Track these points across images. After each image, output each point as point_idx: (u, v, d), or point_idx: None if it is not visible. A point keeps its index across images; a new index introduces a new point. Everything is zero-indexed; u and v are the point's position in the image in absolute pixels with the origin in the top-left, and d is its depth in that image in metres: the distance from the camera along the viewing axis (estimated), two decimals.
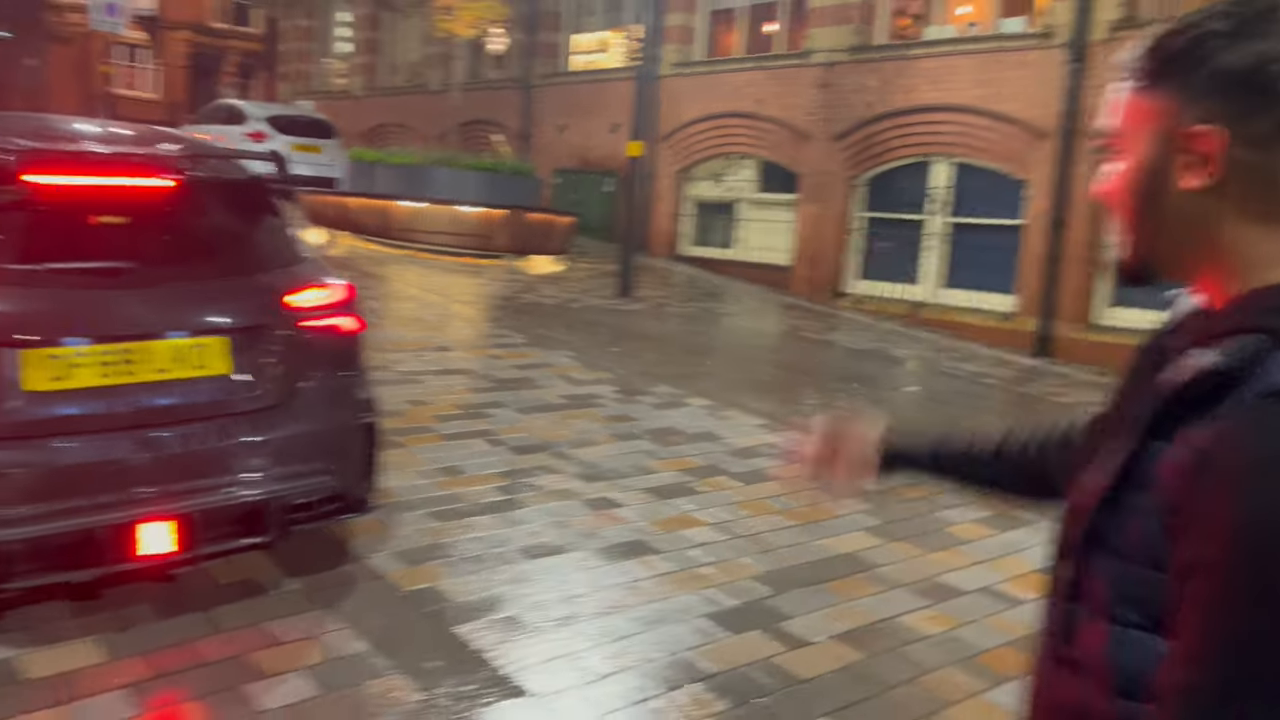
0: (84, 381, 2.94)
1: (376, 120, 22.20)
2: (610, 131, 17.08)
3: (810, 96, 13.78)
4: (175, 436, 3.07)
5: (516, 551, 3.97)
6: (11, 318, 2.81)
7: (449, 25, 14.36)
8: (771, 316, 11.60)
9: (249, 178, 3.51)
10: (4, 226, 2.91)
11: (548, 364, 7.39)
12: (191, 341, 3.13)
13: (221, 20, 43.18)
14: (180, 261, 3.22)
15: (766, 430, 6.11)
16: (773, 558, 4.16)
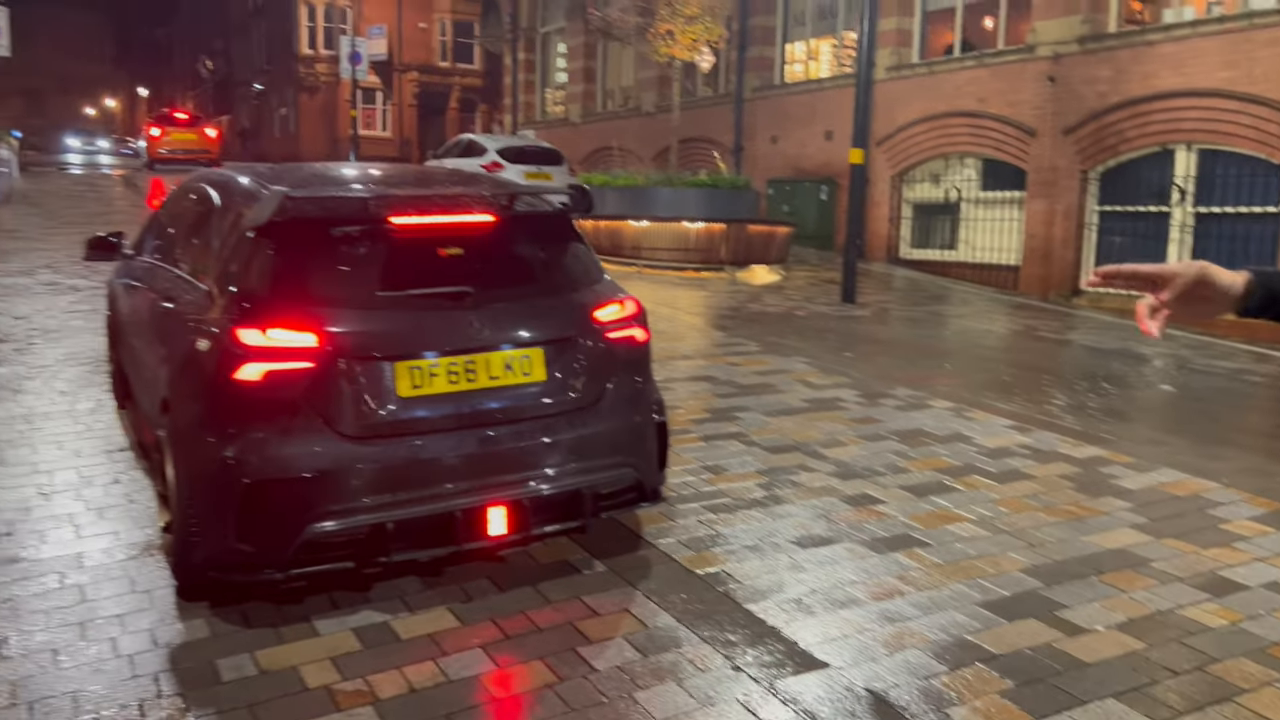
0: (437, 388, 3.49)
1: (594, 145, 23.22)
2: (824, 139, 17.19)
3: (1036, 90, 13.41)
4: (507, 434, 3.57)
5: (789, 542, 4.27)
6: (387, 336, 3.39)
7: (669, 49, 14.92)
8: (1003, 317, 11.38)
9: (556, 209, 4.01)
10: (375, 260, 3.51)
11: (784, 370, 7.66)
12: (518, 352, 3.63)
13: (445, 59, 46.21)
14: (506, 284, 3.74)
15: (1017, 431, 6.14)
16: (1039, 552, 4.25)
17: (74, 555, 3.92)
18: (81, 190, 20.84)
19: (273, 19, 48.06)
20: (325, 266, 3.48)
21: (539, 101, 27.59)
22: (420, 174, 4.36)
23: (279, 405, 3.27)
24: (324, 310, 3.36)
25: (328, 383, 3.30)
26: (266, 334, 3.27)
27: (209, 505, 3.29)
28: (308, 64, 44.68)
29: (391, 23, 43.20)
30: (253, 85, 51.13)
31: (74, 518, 4.28)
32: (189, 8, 64.63)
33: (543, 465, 3.61)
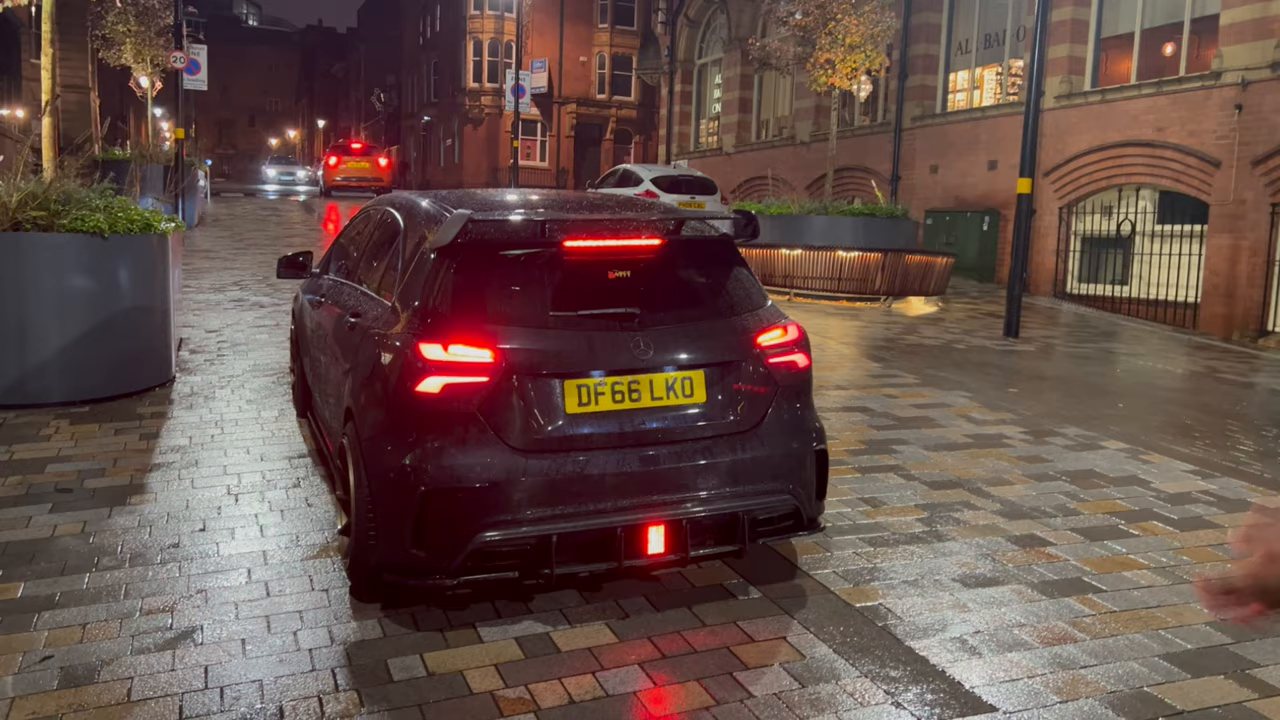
0: (602, 406, 3.56)
1: (748, 174, 23.29)
2: (987, 169, 16.72)
3: (1221, 119, 12.67)
4: (668, 454, 3.61)
5: (952, 580, 4.14)
6: (557, 355, 3.50)
7: (829, 79, 14.84)
8: (1181, 357, 10.73)
9: (720, 235, 4.05)
10: (549, 281, 3.63)
11: (945, 404, 7.45)
12: (680, 374, 3.67)
13: (602, 92, 47.35)
14: (670, 307, 3.79)
15: (1198, 476, 5.77)
16: None
17: (259, 553, 4.17)
18: (265, 215, 22.33)
19: (442, 54, 50.42)
20: (502, 286, 3.61)
21: (693, 132, 27.89)
22: (592, 200, 4.49)
23: (456, 417, 3.41)
24: (500, 328, 3.49)
25: (501, 397, 3.42)
26: (447, 349, 3.42)
27: (387, 510, 3.46)
28: (473, 96, 46.62)
29: (553, 56, 44.67)
30: (421, 117, 53.68)
31: (259, 518, 4.57)
32: (365, 44, 68.56)
33: (702, 487, 3.63)
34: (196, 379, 7.27)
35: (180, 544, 4.23)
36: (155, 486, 4.96)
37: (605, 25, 47.35)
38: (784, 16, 15.37)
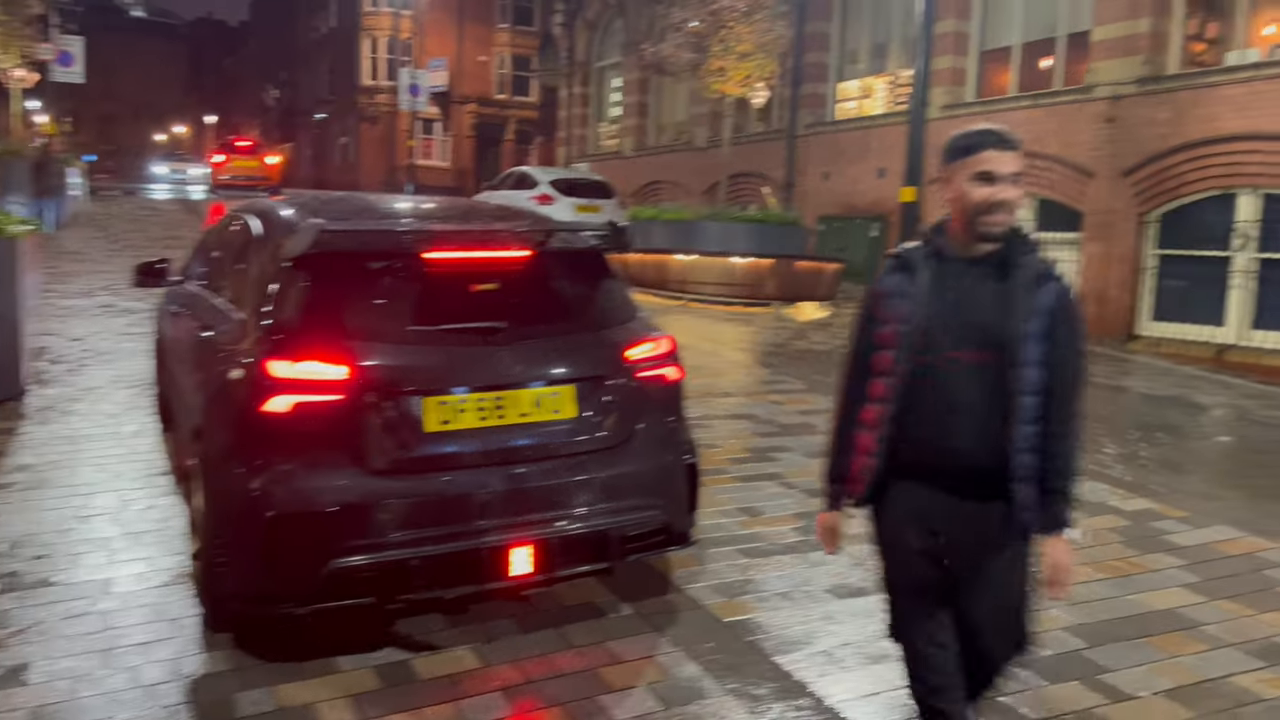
0: (465, 424, 3.46)
1: (646, 178, 23.34)
2: (877, 177, 17.09)
3: (1093, 132, 13.21)
4: (535, 472, 3.52)
5: (823, 591, 4.16)
6: (417, 371, 3.38)
7: (721, 86, 14.97)
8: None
9: (590, 246, 3.99)
10: (409, 294, 3.50)
11: (828, 409, 7.52)
12: (548, 390, 3.60)
13: (503, 92, 46.94)
14: (538, 321, 3.71)
15: None
16: (1084, 610, 4.09)
17: (104, 580, 3.94)
18: (145, 214, 21.42)
19: (337, 50, 49.27)
20: (359, 299, 3.48)
21: (592, 135, 27.83)
22: (464, 208, 4.38)
23: (307, 438, 3.26)
24: (355, 343, 3.36)
25: (356, 416, 3.29)
26: (297, 366, 3.27)
27: (235, 537, 3.29)
28: (369, 94, 45.67)
29: (452, 55, 44.07)
30: (315, 114, 52.35)
31: (109, 542, 4.32)
32: (258, 38, 66.59)
33: (570, 505, 3.56)
34: (52, 391, 6.88)
35: (17, 573, 3.97)
36: None
37: (505, 25, 46.95)
38: (678, 23, 15.44)
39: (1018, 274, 2.38)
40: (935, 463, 2.44)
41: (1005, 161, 2.35)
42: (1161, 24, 12.67)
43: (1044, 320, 2.35)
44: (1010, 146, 2.37)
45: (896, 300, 2.47)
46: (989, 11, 15.72)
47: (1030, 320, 2.34)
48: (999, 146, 2.36)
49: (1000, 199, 2.35)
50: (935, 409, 2.40)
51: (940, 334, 2.39)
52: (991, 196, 2.35)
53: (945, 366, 2.38)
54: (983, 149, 2.36)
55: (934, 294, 2.42)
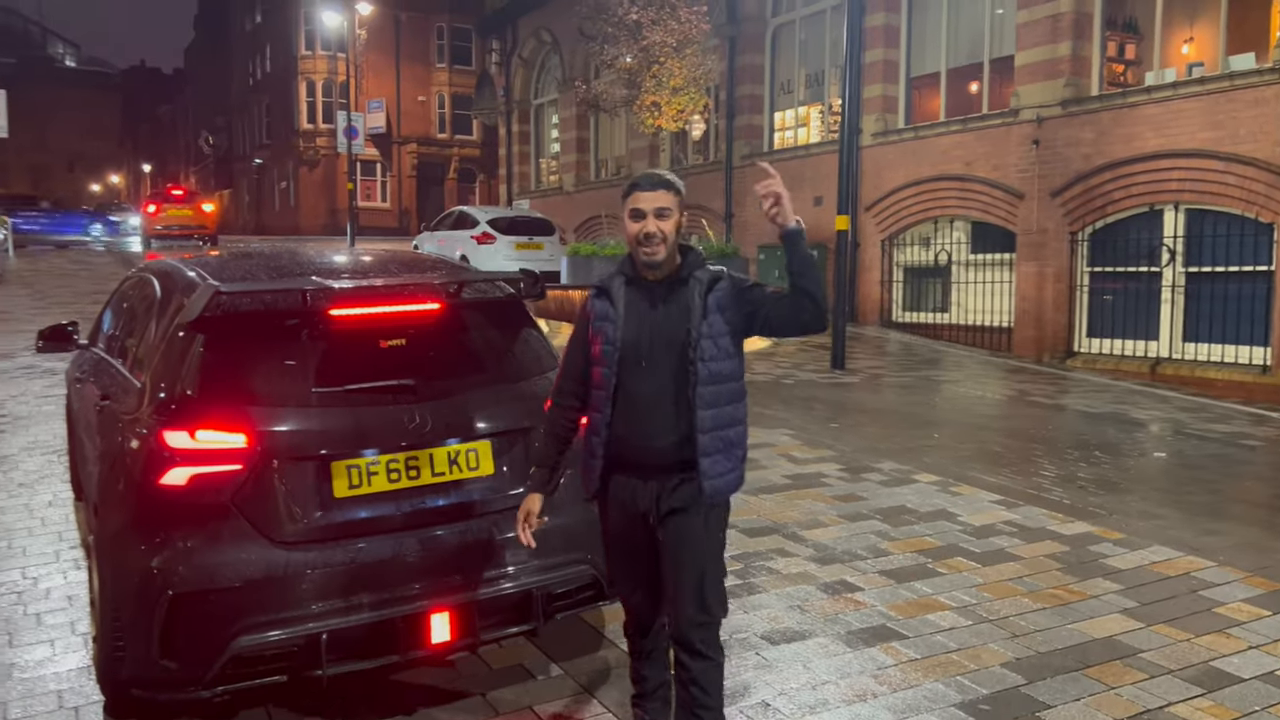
0: (376, 487, 3.32)
1: (588, 213, 23.33)
2: (814, 205, 17.22)
3: (1021, 154, 13.44)
4: (452, 533, 3.39)
5: (759, 637, 4.07)
6: (322, 435, 3.24)
7: (656, 121, 15.01)
8: (996, 381, 11.22)
9: (506, 295, 3.88)
10: (313, 355, 3.37)
11: (768, 443, 7.49)
12: (464, 446, 3.47)
13: (443, 132, 46.85)
14: (451, 375, 3.59)
15: (1003, 507, 5.94)
16: (1023, 643, 4.04)
17: (6, 666, 3.72)
18: (75, 269, 20.90)
19: (273, 95, 48.91)
20: (260, 362, 3.34)
21: (534, 171, 27.81)
22: (371, 262, 4.25)
23: (206, 510, 3.10)
24: (256, 409, 3.21)
25: (258, 486, 3.14)
26: (194, 435, 3.12)
27: (132, 618, 3.11)
28: (307, 138, 45.32)
29: (390, 96, 43.92)
30: (253, 159, 51.81)
31: (10, 623, 4.09)
32: (193, 86, 65.89)
33: (490, 565, 3.43)
34: None
35: None
36: None
37: (444, 65, 46.98)
38: (610, 60, 15.49)
39: (691, 286, 2.82)
40: (639, 456, 2.84)
41: (651, 199, 2.77)
42: (1082, 47, 12.97)
43: (720, 315, 2.80)
44: (656, 186, 2.79)
45: (601, 323, 2.88)
46: (916, 39, 16.00)
47: (704, 322, 2.78)
48: (646, 187, 2.80)
49: (647, 231, 2.76)
50: (634, 411, 2.81)
51: (635, 348, 2.81)
52: (640, 230, 2.78)
53: (640, 374, 2.80)
54: (635, 190, 2.81)
55: (628, 315, 2.85)
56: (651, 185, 2.79)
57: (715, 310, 2.79)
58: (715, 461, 2.78)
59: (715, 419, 2.78)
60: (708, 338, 2.77)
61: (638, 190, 2.80)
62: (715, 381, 2.78)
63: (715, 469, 2.78)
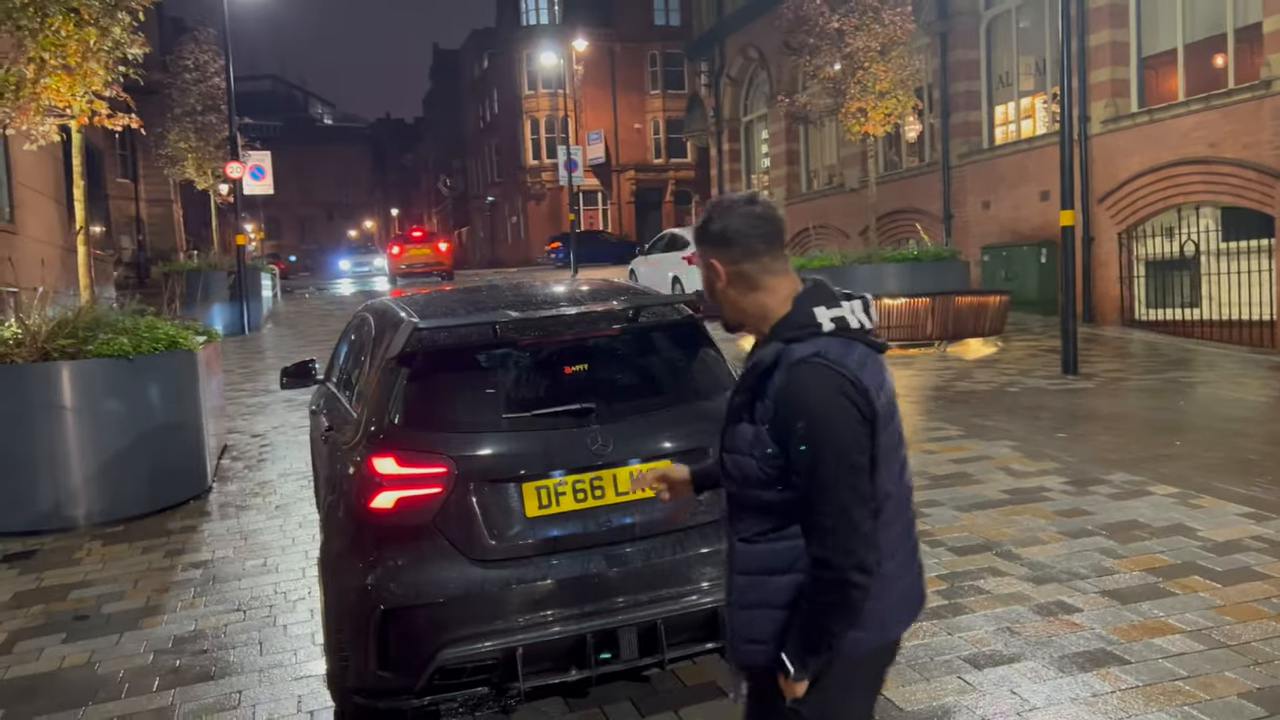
0: (564, 507, 3.47)
1: (799, 225, 23.15)
2: (1041, 200, 16.32)
3: (1276, 129, 12.14)
4: (637, 551, 3.49)
5: (963, 660, 3.90)
6: (515, 458, 3.43)
7: (863, 127, 14.73)
8: (1255, 381, 10.14)
9: (684, 317, 3.96)
10: (503, 383, 3.58)
11: (986, 456, 7.15)
12: (646, 466, 3.56)
13: (659, 157, 47.97)
14: (632, 397, 3.70)
15: (1253, 520, 5.38)
16: (1265, 671, 3.65)
17: (257, 671, 4.16)
18: (330, 309, 22.98)
19: (501, 135, 51.85)
20: (455, 392, 3.58)
21: (745, 188, 27.93)
22: (558, 294, 4.45)
23: (411, 531, 3.35)
24: (453, 435, 3.44)
25: (457, 507, 3.36)
26: (401, 463, 3.38)
27: (351, 631, 3.40)
28: (533, 173, 47.72)
29: (608, 126, 45.53)
30: (486, 198, 55.06)
31: (262, 633, 4.57)
32: (431, 132, 70.93)
33: (675, 583, 3.49)
34: (232, 488, 7.41)
35: (179, 667, 4.25)
36: (170, 606, 5.02)
37: (657, 91, 48.18)
38: (814, 70, 15.35)
39: (751, 367, 2.05)
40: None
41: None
42: None
43: (764, 427, 2.00)
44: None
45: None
46: (1148, 17, 14.84)
47: (731, 429, 2.11)
48: None
49: None
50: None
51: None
52: None
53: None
54: None
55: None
56: None
57: (757, 417, 1.96)
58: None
59: (749, 558, 2.06)
60: (737, 452, 2.01)
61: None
62: (750, 510, 2.05)
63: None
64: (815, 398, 1.86)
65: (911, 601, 2.11)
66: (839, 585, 1.86)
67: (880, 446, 1.91)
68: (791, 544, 1.94)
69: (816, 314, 1.96)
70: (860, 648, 1.97)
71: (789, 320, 1.97)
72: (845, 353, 1.92)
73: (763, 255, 2.00)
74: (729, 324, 2.11)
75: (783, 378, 1.90)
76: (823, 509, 1.86)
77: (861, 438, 1.88)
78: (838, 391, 1.87)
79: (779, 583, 1.96)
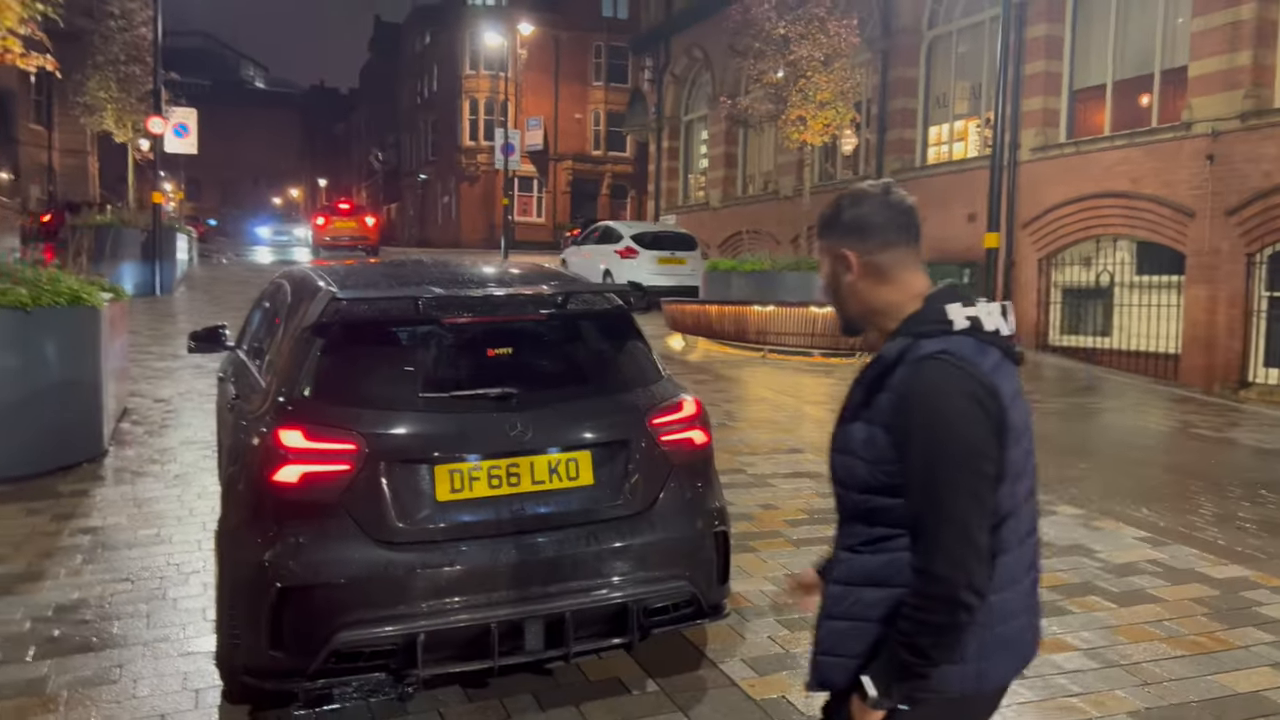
0: (477, 492, 3.38)
1: (732, 229, 23.30)
2: (967, 222, 16.65)
3: (1194, 170, 12.59)
4: (551, 541, 3.41)
5: None
6: (428, 439, 3.33)
7: (802, 135, 14.86)
8: (1158, 411, 10.51)
9: (613, 307, 3.90)
10: (423, 361, 3.47)
11: None
12: (564, 455, 3.49)
13: (598, 148, 47.79)
14: (556, 384, 3.63)
15: (1149, 544, 5.54)
16: (1154, 692, 3.75)
17: (141, 646, 3.97)
18: (248, 276, 22.31)
19: (439, 113, 51.05)
20: (372, 367, 3.46)
21: (682, 187, 28.00)
22: (486, 274, 4.34)
23: (315, 508, 3.23)
24: (366, 412, 3.33)
25: (365, 486, 3.25)
26: (308, 436, 3.25)
27: (245, 608, 3.26)
28: (469, 154, 47.09)
29: (548, 114, 45.20)
30: (418, 175, 54.18)
31: (150, 604, 4.37)
32: (366, 105, 69.54)
33: (587, 576, 3.43)
34: (130, 453, 7.11)
35: (59, 637, 4.04)
36: (53, 573, 4.77)
37: (600, 83, 47.98)
38: (758, 75, 15.43)
39: (875, 367, 1.90)
40: None
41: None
42: (1265, 56, 12.07)
43: (882, 431, 1.86)
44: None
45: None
46: (1080, 51, 15.26)
47: (849, 427, 1.95)
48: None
49: None
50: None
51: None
52: None
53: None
54: None
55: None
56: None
57: (872, 417, 1.81)
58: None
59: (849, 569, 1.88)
60: (847, 453, 1.85)
61: None
62: (859, 519, 1.88)
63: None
64: (940, 395, 1.70)
65: (1020, 648, 1.85)
66: (944, 602, 1.66)
67: (1008, 462, 1.74)
68: (896, 556, 1.76)
69: (949, 310, 1.80)
70: (951, 686, 1.74)
71: (919, 316, 1.82)
72: (978, 353, 1.77)
73: (899, 247, 1.87)
74: (850, 324, 1.95)
75: (906, 372, 1.74)
76: (936, 516, 1.68)
77: (988, 445, 1.70)
78: (965, 391, 1.70)
79: (877, 595, 1.78)
